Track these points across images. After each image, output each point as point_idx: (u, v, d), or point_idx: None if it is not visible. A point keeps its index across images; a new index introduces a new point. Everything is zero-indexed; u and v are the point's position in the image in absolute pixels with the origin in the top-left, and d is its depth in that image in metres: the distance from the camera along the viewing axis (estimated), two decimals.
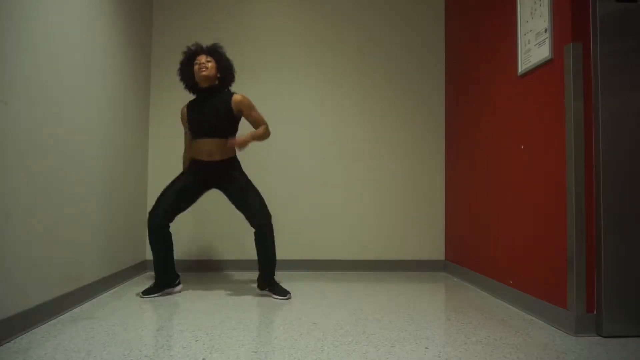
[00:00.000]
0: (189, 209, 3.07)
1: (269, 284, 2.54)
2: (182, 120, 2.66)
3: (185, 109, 2.62)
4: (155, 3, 3.45)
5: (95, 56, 2.45)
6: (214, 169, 2.52)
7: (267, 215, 2.51)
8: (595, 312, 1.85)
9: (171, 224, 2.53)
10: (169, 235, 2.52)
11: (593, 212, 1.88)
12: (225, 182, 2.54)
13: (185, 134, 2.68)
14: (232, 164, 2.56)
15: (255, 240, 2.52)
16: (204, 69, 2.48)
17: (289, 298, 2.47)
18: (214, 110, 2.50)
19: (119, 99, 2.80)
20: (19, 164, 1.77)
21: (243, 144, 2.47)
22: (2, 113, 1.66)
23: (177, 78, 3.36)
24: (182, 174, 2.58)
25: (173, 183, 2.53)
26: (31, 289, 1.87)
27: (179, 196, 2.50)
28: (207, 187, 2.59)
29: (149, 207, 3.35)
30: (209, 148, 2.49)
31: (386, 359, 1.57)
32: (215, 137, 2.49)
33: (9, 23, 1.69)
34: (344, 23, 3.54)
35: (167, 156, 3.38)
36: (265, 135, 2.58)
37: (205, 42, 2.93)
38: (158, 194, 3.32)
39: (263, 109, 3.32)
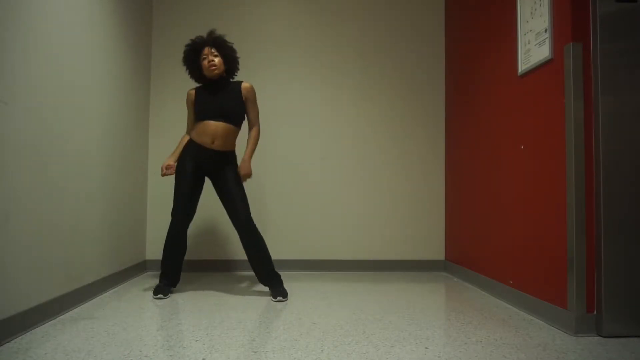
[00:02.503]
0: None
1: (268, 281, 2.52)
2: (187, 103, 2.62)
3: (193, 92, 2.60)
4: (155, 3, 3.45)
5: (95, 56, 2.45)
6: (211, 157, 2.51)
7: (247, 213, 2.48)
8: (595, 312, 1.85)
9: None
10: (186, 235, 2.56)
11: (593, 212, 1.88)
12: (217, 173, 2.54)
13: (189, 117, 2.65)
14: (229, 157, 2.57)
15: (242, 241, 2.48)
16: (213, 67, 2.49)
17: (285, 300, 2.44)
18: (227, 96, 2.55)
19: (119, 100, 2.80)
20: (19, 163, 1.76)
21: (248, 174, 2.57)
22: (1, 113, 1.66)
23: (177, 78, 3.38)
24: (181, 167, 2.52)
25: (180, 181, 2.50)
26: (31, 289, 1.87)
27: (192, 192, 2.51)
28: (205, 174, 2.59)
29: (149, 207, 3.36)
30: (215, 130, 2.48)
31: (386, 359, 1.57)
32: (225, 121, 2.50)
33: (8, 23, 1.69)
34: (344, 23, 3.54)
35: (167, 156, 3.38)
36: (257, 140, 2.65)
37: None
38: (158, 194, 3.35)
39: (263, 109, 3.31)
